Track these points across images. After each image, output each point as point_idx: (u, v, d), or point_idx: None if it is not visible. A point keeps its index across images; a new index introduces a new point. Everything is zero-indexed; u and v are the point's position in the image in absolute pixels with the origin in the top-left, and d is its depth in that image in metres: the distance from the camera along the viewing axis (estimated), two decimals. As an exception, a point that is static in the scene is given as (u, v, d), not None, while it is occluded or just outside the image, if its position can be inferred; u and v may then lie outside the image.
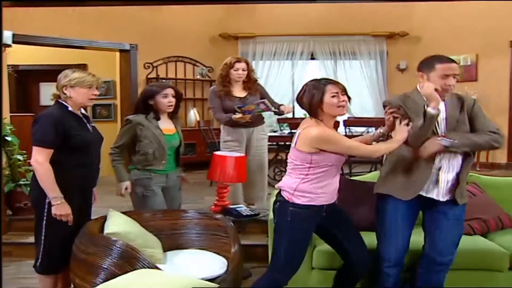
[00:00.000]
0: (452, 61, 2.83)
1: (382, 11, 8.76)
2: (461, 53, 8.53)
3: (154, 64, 8.28)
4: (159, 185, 3.56)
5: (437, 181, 2.86)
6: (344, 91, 2.75)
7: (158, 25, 8.19)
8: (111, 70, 8.35)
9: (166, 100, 3.56)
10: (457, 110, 2.86)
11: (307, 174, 2.70)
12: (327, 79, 2.85)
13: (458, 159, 2.89)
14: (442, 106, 2.84)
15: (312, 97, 2.71)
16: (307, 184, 2.70)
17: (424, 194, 2.87)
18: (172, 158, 3.63)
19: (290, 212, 2.71)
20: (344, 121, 6.46)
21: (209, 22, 8.71)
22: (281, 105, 4.87)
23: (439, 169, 2.86)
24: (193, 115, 8.53)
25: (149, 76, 8.21)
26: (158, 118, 3.57)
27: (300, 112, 9.56)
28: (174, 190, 3.66)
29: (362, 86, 9.11)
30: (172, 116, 3.69)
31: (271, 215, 3.36)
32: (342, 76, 9.03)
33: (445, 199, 2.87)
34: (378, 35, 8.86)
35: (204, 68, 8.70)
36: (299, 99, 2.80)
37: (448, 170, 2.87)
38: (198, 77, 8.71)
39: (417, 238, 2.99)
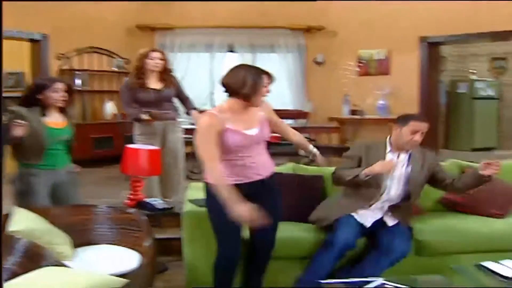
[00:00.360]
0: (424, 121, 3.32)
1: (300, 4, 8.91)
2: (374, 47, 8.86)
3: (68, 55, 7.97)
4: (46, 182, 3.41)
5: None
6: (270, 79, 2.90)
7: (72, 14, 7.88)
8: (20, 61, 7.93)
9: (57, 94, 3.44)
10: (418, 164, 3.31)
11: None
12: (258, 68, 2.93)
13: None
14: (405, 158, 3.34)
15: (251, 83, 2.80)
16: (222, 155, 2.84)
17: None
18: (62, 153, 3.51)
19: (208, 191, 2.88)
20: (262, 113, 6.50)
21: (125, 12, 8.49)
22: (195, 108, 4.87)
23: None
24: (109, 108, 8.29)
25: (62, 68, 7.88)
26: (44, 113, 3.44)
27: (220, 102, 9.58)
28: (67, 186, 3.52)
29: (280, 79, 9.19)
30: (64, 110, 3.55)
31: (186, 207, 3.35)
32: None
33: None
34: (296, 29, 9.00)
35: (120, 60, 8.48)
36: (228, 81, 2.85)
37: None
38: (115, 69, 8.48)
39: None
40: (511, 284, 2.48)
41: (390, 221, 3.30)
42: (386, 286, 2.40)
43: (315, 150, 3.27)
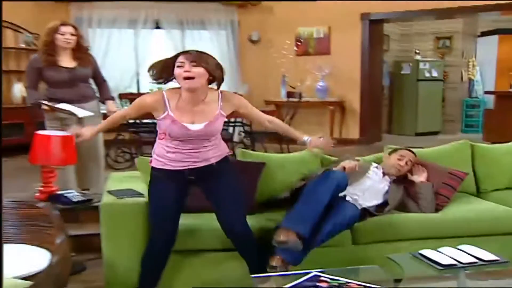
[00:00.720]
0: (412, 151, 3.94)
1: (233, -23, 8.91)
2: (313, 25, 8.99)
3: (-33, 30, 7.62)
4: None
5: None
6: (195, 61, 2.81)
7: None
8: None
9: None
10: (398, 190, 3.72)
11: (160, 139, 2.99)
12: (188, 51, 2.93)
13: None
14: (387, 181, 3.77)
15: (164, 64, 2.89)
16: (160, 149, 3.00)
17: None
18: None
19: (150, 174, 3.05)
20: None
21: (35, -19, 8.21)
22: (112, 98, 4.78)
23: None
24: (18, 90, 8.00)
25: (-40, 44, 7.53)
26: None
27: (146, 88, 9.47)
28: None
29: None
30: None
31: (104, 199, 3.30)
32: (191, 47, 9.02)
33: None
34: (228, 3, 8.98)
35: (29, 35, 8.18)
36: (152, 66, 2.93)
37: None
38: (23, 45, 8.17)
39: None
40: (447, 272, 2.62)
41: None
42: (320, 278, 2.47)
43: (305, 137, 3.26)
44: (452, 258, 2.74)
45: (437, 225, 3.56)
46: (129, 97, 6.98)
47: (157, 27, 8.97)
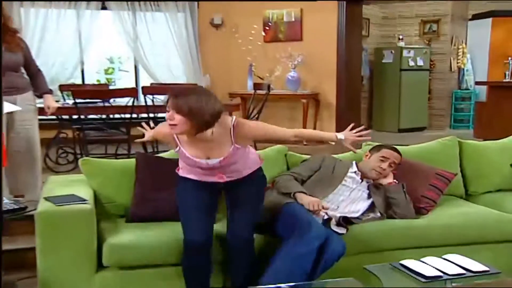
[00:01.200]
0: (398, 152, 3.90)
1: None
2: (284, 7, 9.01)
3: None
4: None
5: None
6: (174, 108, 3.01)
7: None
8: None
9: None
10: (380, 194, 3.77)
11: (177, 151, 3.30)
12: None
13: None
14: (365, 187, 3.81)
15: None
16: (181, 161, 3.34)
17: None
18: None
19: (178, 180, 3.39)
20: (144, 88, 6.43)
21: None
22: (50, 91, 4.71)
23: None
24: None
25: None
26: None
27: (92, 78, 9.38)
28: None
29: (169, 44, 9.17)
30: None
31: (40, 207, 3.25)
32: (144, 32, 9.00)
33: None
34: (186, -18, 8.97)
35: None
36: None
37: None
38: None
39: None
40: (431, 285, 2.65)
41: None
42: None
43: (338, 135, 3.50)
44: (437, 269, 2.77)
45: (421, 232, 3.62)
46: (71, 89, 6.88)
47: (104, 8, 8.85)
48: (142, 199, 3.64)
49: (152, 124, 3.70)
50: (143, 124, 3.62)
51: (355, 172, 3.86)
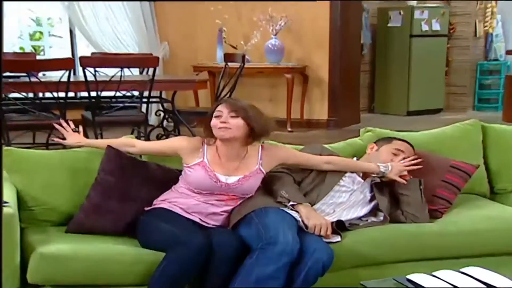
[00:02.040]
0: (411, 145, 3.95)
1: None
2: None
3: None
4: None
5: None
6: (234, 111, 3.46)
7: None
8: None
9: None
10: (385, 194, 3.80)
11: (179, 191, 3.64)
12: None
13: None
14: (368, 186, 3.83)
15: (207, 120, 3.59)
16: (182, 188, 3.62)
17: None
18: None
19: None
20: (83, 59, 6.33)
21: None
22: None
23: None
24: None
25: None
26: None
27: (13, 46, 9.29)
28: None
29: (115, 4, 9.11)
30: None
31: None
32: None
33: None
34: None
35: None
36: None
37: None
38: None
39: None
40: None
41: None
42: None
43: (381, 167, 3.74)
44: (453, 285, 2.79)
45: (433, 240, 3.63)
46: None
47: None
48: (98, 207, 3.57)
49: (73, 126, 3.75)
50: (62, 121, 3.72)
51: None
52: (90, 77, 6.29)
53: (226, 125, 3.45)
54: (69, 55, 9.14)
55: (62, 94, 6.15)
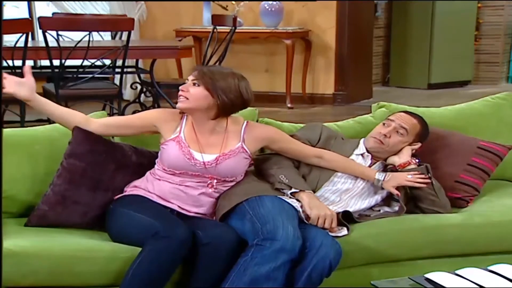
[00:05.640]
0: (416, 116, 3.92)
1: None
2: None
3: None
4: None
5: None
6: (197, 78, 3.52)
7: None
8: None
9: None
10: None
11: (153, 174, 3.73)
12: None
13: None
14: (380, 167, 3.87)
15: None
16: (158, 170, 3.67)
17: None
18: None
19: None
20: (43, 20, 6.24)
21: None
22: None
23: None
24: None
25: None
26: None
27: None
28: None
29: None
30: None
31: None
32: None
33: None
34: None
35: None
36: None
37: None
38: None
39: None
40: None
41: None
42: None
43: (377, 176, 3.73)
44: (479, 285, 2.83)
45: (456, 233, 3.67)
46: None
47: None
48: (64, 197, 3.55)
49: (29, 69, 3.54)
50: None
51: (362, 154, 3.89)
52: (52, 43, 6.27)
53: (184, 94, 3.50)
54: (26, 16, 9.10)
55: (18, 63, 6.06)
